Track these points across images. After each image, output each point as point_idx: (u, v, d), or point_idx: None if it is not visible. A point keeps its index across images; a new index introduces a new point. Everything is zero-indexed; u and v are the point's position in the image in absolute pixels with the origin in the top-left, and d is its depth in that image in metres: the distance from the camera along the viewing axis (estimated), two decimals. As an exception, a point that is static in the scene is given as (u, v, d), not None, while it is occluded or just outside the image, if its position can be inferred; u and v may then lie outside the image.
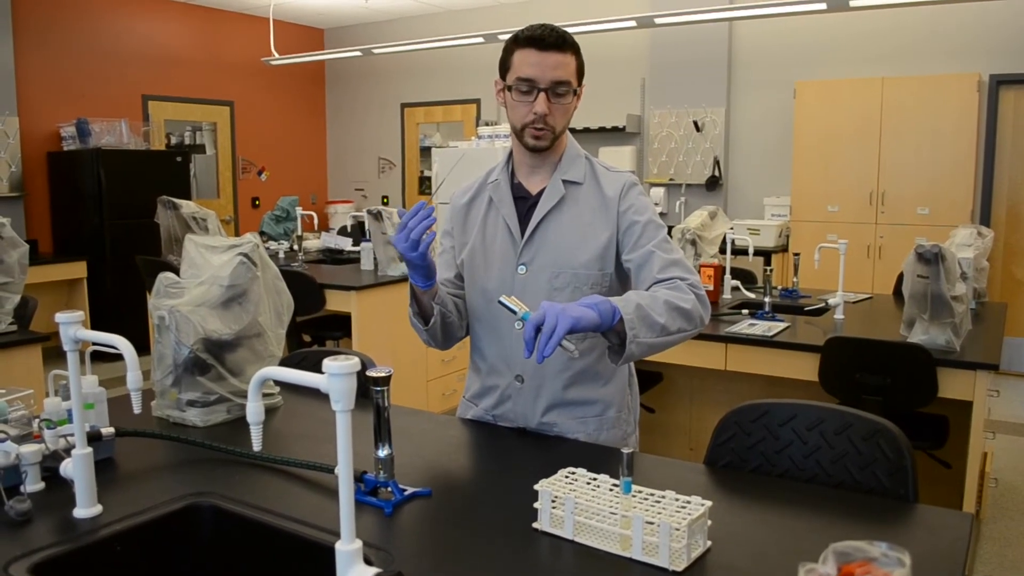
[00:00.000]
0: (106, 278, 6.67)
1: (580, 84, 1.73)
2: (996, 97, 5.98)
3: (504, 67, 1.73)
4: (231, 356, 1.85)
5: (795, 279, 4.13)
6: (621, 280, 1.78)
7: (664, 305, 1.56)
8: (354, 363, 1.00)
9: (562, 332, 1.39)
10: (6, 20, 6.62)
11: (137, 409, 1.40)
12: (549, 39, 1.66)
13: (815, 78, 6.51)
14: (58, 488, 1.42)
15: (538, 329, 1.42)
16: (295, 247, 5.87)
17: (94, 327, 6.17)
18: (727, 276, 4.01)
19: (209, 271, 1.87)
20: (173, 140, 8.24)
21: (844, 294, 3.59)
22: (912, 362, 2.85)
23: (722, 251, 4.13)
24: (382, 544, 1.24)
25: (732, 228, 4.34)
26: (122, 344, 1.31)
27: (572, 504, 1.24)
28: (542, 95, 1.66)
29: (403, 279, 4.71)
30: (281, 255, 5.69)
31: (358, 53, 7.73)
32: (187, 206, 4.98)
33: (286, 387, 2.01)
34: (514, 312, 1.50)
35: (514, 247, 1.77)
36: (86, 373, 1.62)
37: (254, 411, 1.18)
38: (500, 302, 1.52)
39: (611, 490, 1.29)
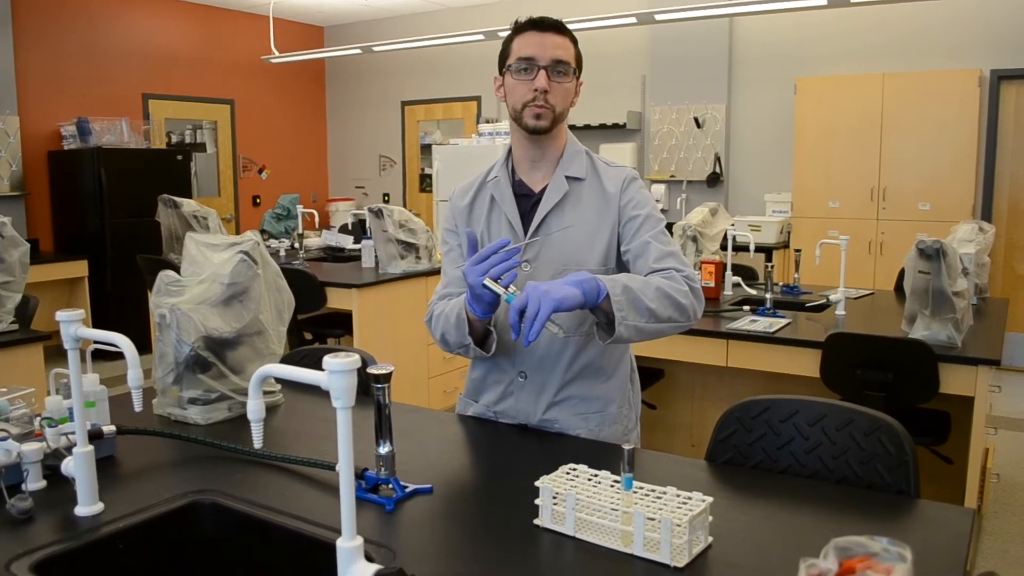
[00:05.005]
0: (107, 277, 6.67)
1: (579, 76, 1.75)
2: (997, 92, 5.97)
3: (504, 57, 1.76)
4: (232, 354, 1.85)
5: (796, 275, 4.13)
6: (623, 276, 1.78)
7: (656, 291, 1.57)
8: (354, 360, 1.00)
9: (545, 315, 1.41)
10: (6, 19, 6.62)
11: (138, 407, 1.41)
12: (548, 21, 1.71)
13: (816, 74, 6.50)
14: (59, 486, 1.42)
15: (523, 313, 1.43)
16: (296, 245, 5.87)
17: (95, 326, 6.17)
18: (728, 272, 4.01)
19: (210, 269, 1.86)
20: (174, 139, 8.24)
21: (845, 290, 3.59)
22: (914, 358, 2.85)
23: (723, 248, 4.13)
24: (383, 541, 1.24)
25: (733, 225, 4.33)
26: (123, 342, 1.31)
27: (573, 500, 1.24)
28: (542, 72, 1.68)
29: (404, 276, 4.70)
30: (282, 253, 5.69)
31: (358, 51, 7.72)
32: (188, 204, 4.98)
33: (287, 385, 2.01)
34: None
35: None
36: (87, 371, 1.62)
37: (255, 409, 1.18)
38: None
39: (612, 486, 1.29)
